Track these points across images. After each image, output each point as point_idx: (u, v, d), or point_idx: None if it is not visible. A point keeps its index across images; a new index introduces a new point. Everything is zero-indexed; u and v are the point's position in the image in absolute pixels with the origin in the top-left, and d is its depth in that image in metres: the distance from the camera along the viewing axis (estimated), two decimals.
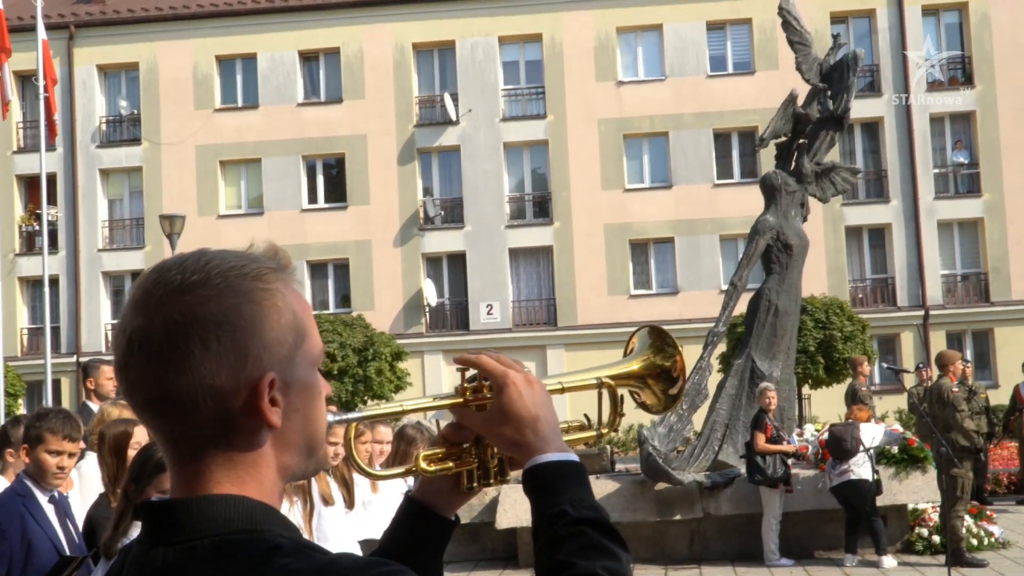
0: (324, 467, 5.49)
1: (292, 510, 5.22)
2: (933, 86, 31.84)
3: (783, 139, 14.36)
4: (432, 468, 1.56)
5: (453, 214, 32.50)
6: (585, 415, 1.79)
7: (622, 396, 1.73)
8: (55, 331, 31.28)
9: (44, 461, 4.39)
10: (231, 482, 1.24)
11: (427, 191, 32.77)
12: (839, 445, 11.29)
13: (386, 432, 6.38)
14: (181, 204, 30.28)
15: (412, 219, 32.13)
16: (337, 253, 32.20)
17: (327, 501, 5.58)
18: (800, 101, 14.32)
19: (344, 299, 32.25)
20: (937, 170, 31.64)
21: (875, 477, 11.33)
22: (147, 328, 1.22)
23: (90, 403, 7.87)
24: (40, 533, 4.29)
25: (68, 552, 4.28)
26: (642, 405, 1.77)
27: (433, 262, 32.41)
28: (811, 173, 14.10)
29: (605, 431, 1.71)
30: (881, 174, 31.43)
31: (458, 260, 32.24)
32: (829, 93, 14.32)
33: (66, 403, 31.05)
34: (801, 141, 14.19)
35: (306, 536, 4.23)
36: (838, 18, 31.90)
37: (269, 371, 1.24)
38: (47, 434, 4.37)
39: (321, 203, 32.80)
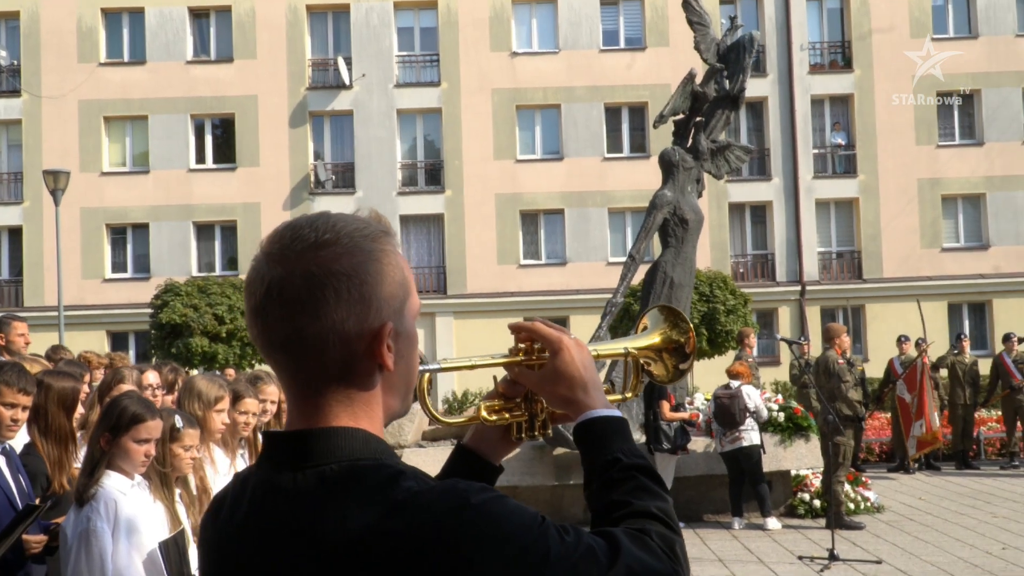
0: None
1: (236, 461, 5.35)
2: (814, 68, 32.92)
3: (681, 116, 14.74)
4: (492, 418, 1.76)
5: (344, 179, 32.35)
6: (610, 380, 2.00)
7: (642, 365, 1.93)
8: None
9: None
10: (348, 417, 1.43)
11: (318, 155, 32.52)
12: (727, 415, 11.85)
13: (273, 391, 6.07)
14: (62, 159, 29.45)
15: (303, 183, 31.88)
16: (225, 215, 31.76)
17: None
18: (698, 80, 14.74)
19: (231, 261, 31.85)
20: (816, 150, 32.77)
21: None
22: (286, 278, 1.40)
23: (0, 359, 7.83)
24: None
25: (20, 504, 4.34)
26: (649, 374, 1.95)
27: None
28: (707, 150, 14.53)
29: (629, 395, 1.92)
30: (764, 153, 32.40)
31: None
32: (726, 73, 14.75)
33: None
34: (698, 119, 14.61)
35: None
36: None
37: (388, 321, 1.44)
38: (2, 387, 4.39)
39: (209, 163, 32.26)
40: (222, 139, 32.49)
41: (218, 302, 24.20)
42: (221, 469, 5.11)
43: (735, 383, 12.18)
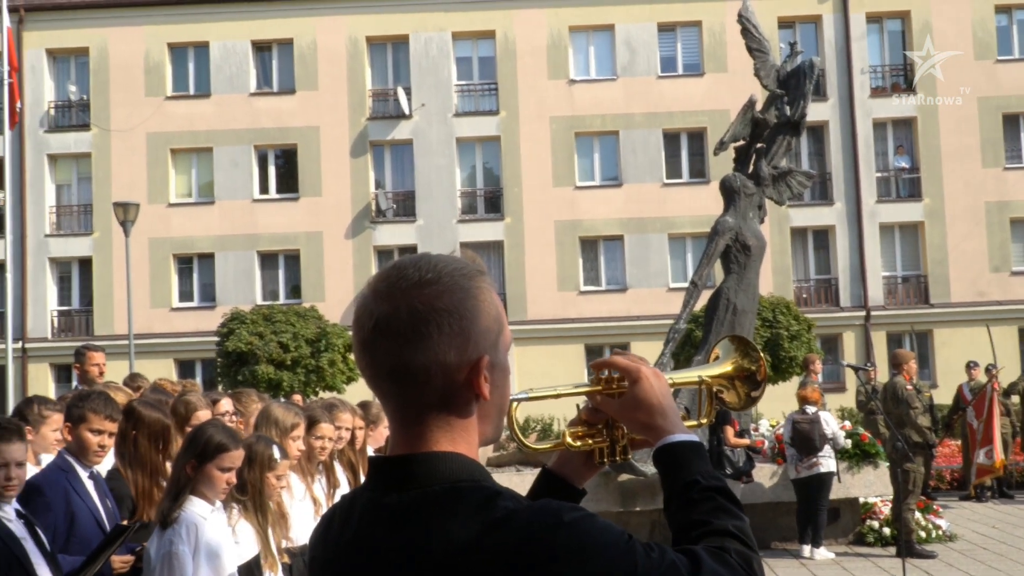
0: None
1: (314, 486, 5.48)
2: (876, 92, 32.63)
3: (741, 143, 14.71)
4: (577, 444, 1.85)
5: (405, 207, 32.65)
6: (686, 407, 2.06)
7: (716, 392, 2.01)
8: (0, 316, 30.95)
9: (87, 439, 4.61)
10: (448, 442, 1.54)
11: (379, 184, 32.86)
12: (807, 441, 11.69)
13: (347, 419, 6.22)
14: (130, 191, 30.09)
15: (364, 212, 32.22)
16: (288, 244, 32.19)
17: (335, 485, 5.82)
18: (759, 106, 14.70)
19: (294, 290, 32.25)
20: (879, 174, 32.43)
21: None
22: (393, 314, 1.52)
23: (81, 387, 8.07)
24: (83, 507, 4.49)
25: (107, 526, 4.47)
26: (721, 402, 2.03)
27: (384, 255, 32.51)
28: (768, 176, 14.47)
29: (704, 421, 2.01)
30: (826, 177, 32.14)
31: (409, 253, 32.22)
32: (786, 99, 14.70)
33: (10, 388, 30.66)
34: (759, 145, 14.57)
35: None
36: (785, 23, 32.54)
37: (485, 354, 1.55)
38: (90, 414, 4.59)
39: (273, 193, 32.74)
40: (285, 169, 32.98)
41: (283, 330, 24.49)
42: (297, 494, 5.24)
43: (811, 408, 12.06)
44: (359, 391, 23.03)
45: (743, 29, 14.74)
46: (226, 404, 6.13)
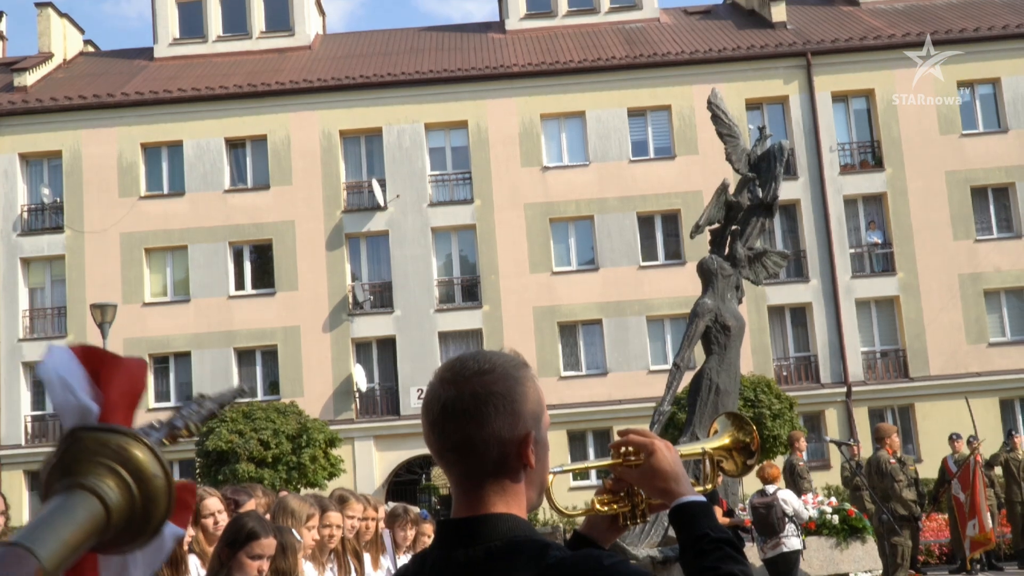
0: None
1: (325, 574, 5.55)
2: (845, 169, 33.07)
3: (717, 226, 14.84)
4: (604, 508, 2.14)
5: (382, 299, 32.60)
6: (694, 474, 2.57)
7: (717, 461, 2.34)
8: None
9: None
10: (503, 504, 1.84)
11: (356, 276, 32.85)
12: (765, 524, 11.67)
13: (358, 508, 6.45)
14: (105, 292, 29.92)
15: (341, 304, 32.15)
16: (265, 340, 32.01)
17: (348, 572, 5.89)
18: (732, 189, 14.86)
19: (272, 386, 31.99)
20: (853, 250, 32.70)
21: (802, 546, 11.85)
22: (458, 397, 1.83)
23: None
24: None
25: None
26: (721, 470, 2.35)
27: (363, 347, 32.38)
28: (744, 258, 14.56)
29: (709, 486, 2.33)
30: (800, 255, 32.37)
31: (388, 345, 32.25)
32: (758, 182, 14.85)
33: None
34: (734, 227, 14.68)
35: None
36: (753, 105, 33.05)
37: (531, 430, 1.86)
38: None
39: (248, 289, 32.65)
40: (260, 265, 32.93)
41: (263, 427, 24.22)
42: None
43: (771, 488, 12.08)
44: (340, 486, 22.66)
45: (713, 115, 14.96)
46: (245, 500, 6.17)
